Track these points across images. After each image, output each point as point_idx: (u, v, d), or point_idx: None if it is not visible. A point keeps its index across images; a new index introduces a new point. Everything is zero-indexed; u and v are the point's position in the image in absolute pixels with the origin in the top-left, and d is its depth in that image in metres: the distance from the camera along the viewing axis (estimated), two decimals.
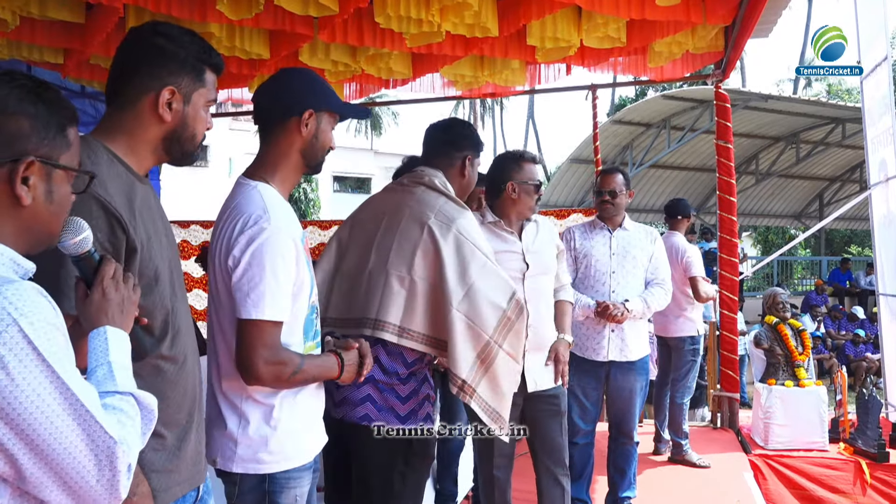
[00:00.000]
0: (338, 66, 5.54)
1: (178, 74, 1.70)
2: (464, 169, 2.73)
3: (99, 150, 1.63)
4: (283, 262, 1.90)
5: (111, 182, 1.60)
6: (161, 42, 1.69)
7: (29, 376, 1.09)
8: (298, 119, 2.04)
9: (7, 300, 1.10)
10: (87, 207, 1.52)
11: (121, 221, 1.58)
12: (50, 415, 1.11)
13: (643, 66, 5.95)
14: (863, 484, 5.07)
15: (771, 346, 5.76)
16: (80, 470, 1.14)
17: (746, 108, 13.53)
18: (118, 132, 1.68)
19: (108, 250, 1.55)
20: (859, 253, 23.78)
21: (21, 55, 5.06)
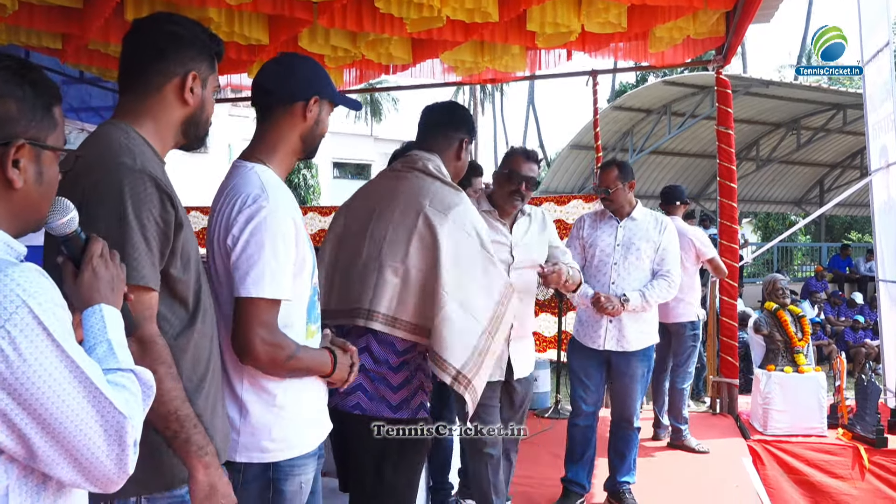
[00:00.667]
0: (337, 51, 5.51)
1: (198, 60, 1.78)
2: (460, 151, 2.72)
3: (131, 132, 1.69)
4: (283, 241, 1.90)
5: (153, 162, 1.66)
6: (179, 30, 1.76)
7: (41, 357, 1.11)
8: (304, 104, 2.05)
9: (15, 282, 1.11)
10: (142, 184, 1.58)
11: (171, 198, 1.64)
12: (62, 393, 1.12)
13: (644, 52, 5.92)
14: (861, 469, 5.10)
15: (770, 332, 5.77)
16: (91, 446, 1.15)
17: (747, 94, 13.48)
18: (144, 117, 1.74)
19: (160, 226, 1.60)
20: (859, 239, 23.77)
21: (19, 40, 5.04)
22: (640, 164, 17.16)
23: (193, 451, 1.59)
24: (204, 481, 1.61)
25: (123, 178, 1.58)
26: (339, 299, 2.52)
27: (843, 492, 5.08)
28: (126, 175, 1.58)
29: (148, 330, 1.57)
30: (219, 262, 1.96)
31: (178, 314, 1.68)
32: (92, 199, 1.57)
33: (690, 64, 6.76)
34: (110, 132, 1.68)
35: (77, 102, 6.17)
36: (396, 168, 2.67)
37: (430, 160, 2.62)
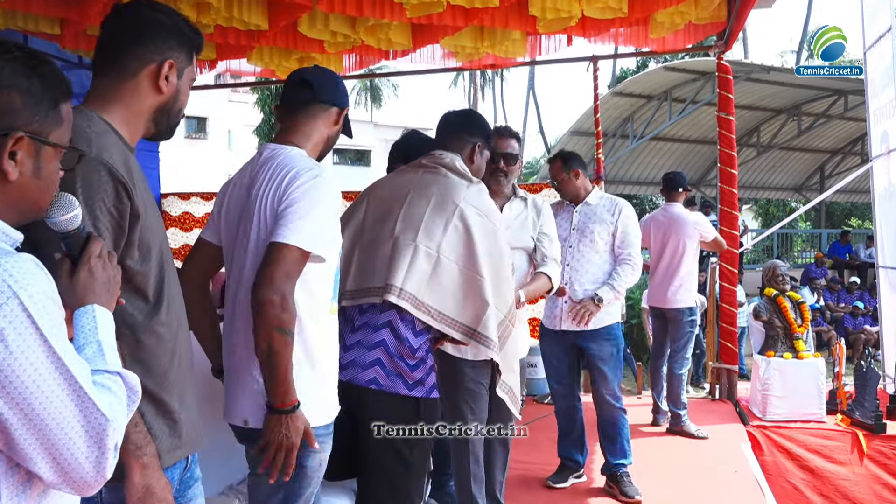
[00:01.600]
0: (337, 36, 5.48)
1: (177, 49, 1.75)
2: (473, 154, 2.84)
3: (95, 119, 1.65)
4: (330, 209, 2.05)
5: (113, 149, 1.62)
6: (160, 17, 1.74)
7: (27, 350, 1.10)
8: (339, 111, 2.28)
9: (7, 272, 1.09)
10: (95, 172, 1.55)
11: (126, 188, 1.60)
12: (45, 389, 1.11)
13: (645, 38, 5.90)
14: (860, 454, 5.12)
15: (770, 318, 5.78)
16: (71, 446, 1.14)
17: (748, 80, 13.43)
18: (114, 102, 1.70)
19: (114, 216, 1.58)
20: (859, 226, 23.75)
21: (17, 25, 5.01)
22: (641, 150, 17.14)
23: (131, 450, 1.55)
24: (139, 483, 1.56)
25: (77, 166, 1.52)
26: (360, 279, 2.57)
27: (841, 477, 5.11)
28: (80, 164, 1.52)
29: None
30: (262, 226, 2.05)
31: (138, 306, 1.65)
32: None
33: (691, 49, 6.74)
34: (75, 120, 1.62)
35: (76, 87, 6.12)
36: (423, 162, 2.76)
37: (455, 158, 2.75)
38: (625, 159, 17.41)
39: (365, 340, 2.47)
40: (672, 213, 5.67)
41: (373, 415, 2.42)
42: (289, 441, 1.97)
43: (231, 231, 2.18)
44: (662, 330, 5.75)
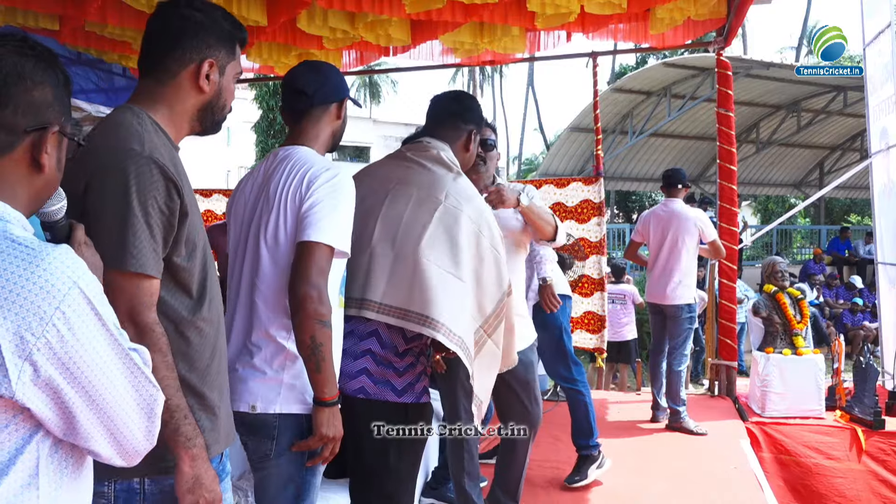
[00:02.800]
0: (336, 32, 5.48)
1: (216, 47, 1.78)
2: (468, 143, 2.72)
3: (144, 117, 1.70)
4: (350, 207, 2.11)
5: (162, 148, 1.67)
6: (199, 16, 1.77)
7: (91, 336, 1.15)
8: (339, 105, 2.30)
9: (65, 264, 1.14)
10: (147, 170, 1.60)
11: (176, 185, 1.64)
12: (108, 372, 1.18)
13: (644, 33, 5.89)
14: (858, 451, 5.12)
15: (769, 314, 5.78)
16: (129, 421, 1.22)
17: (748, 76, 13.43)
18: (159, 103, 1.75)
19: (164, 213, 1.62)
20: (859, 222, 23.77)
21: (16, 21, 5.00)
22: (640, 146, 17.14)
23: (181, 441, 1.59)
24: (189, 473, 1.60)
25: (130, 164, 1.59)
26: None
27: (839, 474, 5.11)
28: (133, 161, 1.59)
29: (147, 317, 1.58)
30: (281, 223, 2.09)
31: (182, 301, 1.69)
32: (98, 184, 1.59)
33: (691, 45, 6.74)
34: (124, 116, 1.69)
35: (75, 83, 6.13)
36: (407, 154, 2.64)
37: (443, 150, 2.63)
38: (624, 156, 17.41)
39: (351, 350, 2.39)
40: (673, 208, 5.69)
41: (361, 424, 2.36)
42: (336, 432, 2.05)
43: (238, 228, 2.23)
44: (661, 326, 5.75)
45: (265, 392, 2.07)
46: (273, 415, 2.07)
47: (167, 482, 1.65)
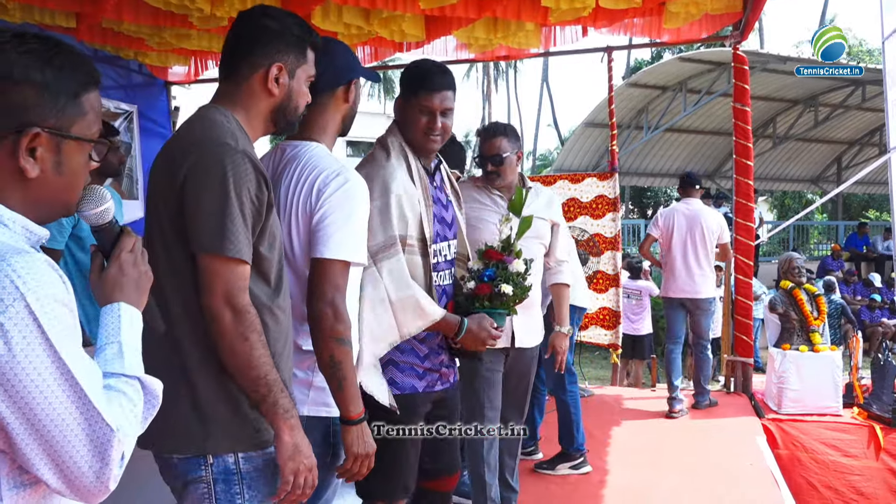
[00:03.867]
0: (350, 28, 5.48)
1: (285, 52, 1.87)
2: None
3: (231, 117, 1.82)
4: (363, 211, 2.07)
5: (248, 145, 1.78)
6: (270, 23, 1.87)
7: (31, 354, 1.07)
8: (346, 88, 2.22)
9: (15, 272, 1.06)
10: (243, 163, 1.70)
11: (266, 179, 1.76)
12: (48, 395, 1.09)
13: (659, 28, 5.85)
14: (876, 448, 5.09)
15: (786, 310, 5.75)
16: (73, 454, 1.12)
17: (765, 70, 13.33)
18: (236, 105, 1.86)
19: (255, 204, 1.71)
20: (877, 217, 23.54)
21: (33, 18, 5.03)
22: (655, 141, 17.05)
23: (280, 413, 1.70)
24: (289, 442, 1.71)
25: (226, 156, 1.69)
26: None
27: (856, 471, 5.08)
28: (229, 154, 1.69)
29: (242, 299, 1.67)
30: (294, 233, 2.06)
31: (263, 289, 1.78)
32: (197, 176, 1.69)
33: (707, 40, 6.67)
34: (214, 114, 1.80)
35: None
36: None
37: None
38: (639, 151, 17.33)
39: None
40: (696, 208, 6.03)
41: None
42: (368, 448, 2.05)
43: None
44: (680, 320, 6.01)
45: (295, 393, 2.06)
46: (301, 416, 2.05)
47: (259, 459, 1.75)
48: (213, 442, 1.70)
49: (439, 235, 2.54)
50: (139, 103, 6.58)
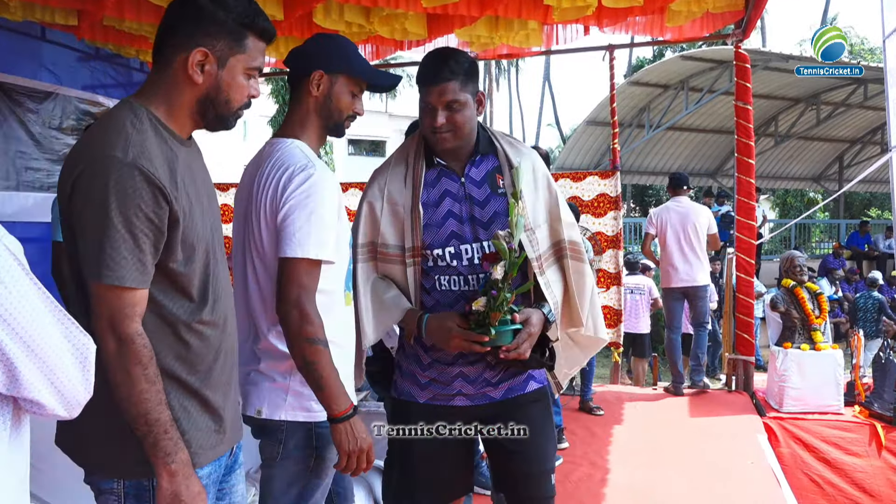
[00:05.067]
0: (352, 27, 5.48)
1: (214, 36, 1.67)
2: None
3: (142, 115, 1.64)
4: (329, 207, 1.99)
5: (154, 151, 1.60)
6: (202, 2, 1.67)
7: (23, 289, 1.22)
8: (308, 78, 2.11)
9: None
10: (130, 179, 1.53)
11: (164, 192, 1.58)
12: (42, 322, 1.24)
13: (661, 26, 5.84)
14: (878, 446, 5.09)
15: (787, 309, 5.74)
16: (67, 371, 1.28)
17: (766, 68, 13.31)
18: (158, 95, 1.69)
19: (152, 222, 1.56)
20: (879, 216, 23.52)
21: (35, 16, 5.04)
22: (657, 140, 17.05)
23: (160, 456, 1.57)
24: (167, 489, 1.58)
25: (110, 172, 1.52)
26: None
27: (858, 469, 5.08)
28: (113, 169, 1.53)
29: (127, 328, 1.55)
30: (262, 230, 2.02)
31: (182, 305, 1.66)
32: (79, 192, 1.55)
33: (708, 38, 6.67)
34: (119, 114, 1.64)
35: (92, 79, 6.17)
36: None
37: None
38: (641, 149, 17.32)
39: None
40: (687, 205, 6.68)
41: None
42: (359, 445, 1.98)
43: (238, 226, 2.17)
44: (680, 309, 6.67)
45: (272, 397, 2.07)
46: (279, 421, 2.07)
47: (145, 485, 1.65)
48: (129, 467, 1.63)
49: (458, 237, 2.29)
50: None
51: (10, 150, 5.30)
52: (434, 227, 2.30)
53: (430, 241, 2.30)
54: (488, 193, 2.31)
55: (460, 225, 2.30)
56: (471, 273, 2.29)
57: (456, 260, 2.29)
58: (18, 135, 5.36)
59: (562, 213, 2.38)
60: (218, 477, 1.78)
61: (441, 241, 2.29)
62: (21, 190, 5.36)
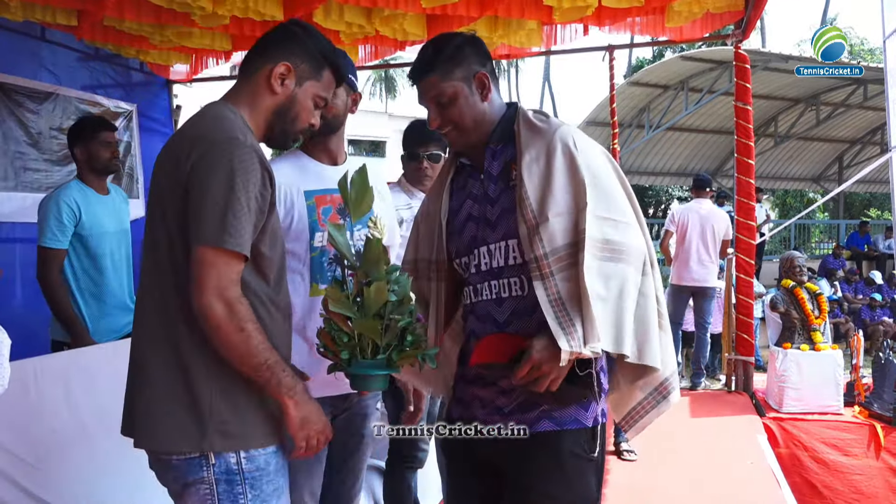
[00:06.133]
0: (352, 27, 5.48)
1: (299, 57, 1.88)
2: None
3: (238, 114, 1.83)
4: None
5: (255, 142, 1.80)
6: (296, 30, 1.91)
7: None
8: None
9: None
10: (250, 158, 1.70)
11: (271, 177, 1.78)
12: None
13: (661, 27, 5.84)
14: (877, 447, 5.09)
15: (787, 309, 5.74)
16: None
17: (766, 69, 13.30)
18: (241, 102, 1.87)
19: (258, 201, 1.72)
20: (878, 216, 23.53)
21: (35, 17, 5.03)
22: (657, 140, 17.04)
23: (284, 391, 1.72)
24: (296, 416, 1.74)
25: (234, 150, 1.69)
26: None
27: (857, 470, 5.08)
28: (237, 148, 1.70)
29: (234, 292, 1.67)
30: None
31: (262, 288, 1.79)
32: (203, 168, 1.68)
33: (708, 38, 6.67)
34: (221, 110, 1.81)
35: (90, 79, 6.16)
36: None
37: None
38: (641, 150, 17.31)
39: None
40: (710, 208, 7.08)
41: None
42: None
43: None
44: (684, 305, 7.06)
45: None
46: None
47: (262, 458, 1.76)
48: (213, 440, 1.70)
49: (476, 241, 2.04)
50: (139, 102, 6.58)
51: (9, 151, 5.29)
52: (455, 234, 2.09)
53: (454, 249, 2.09)
54: (502, 188, 2.01)
55: (477, 228, 2.04)
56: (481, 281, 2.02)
57: (475, 268, 2.04)
58: (17, 135, 5.36)
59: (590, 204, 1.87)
60: (282, 458, 1.84)
61: (463, 248, 2.07)
62: (20, 190, 5.36)
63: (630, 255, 1.88)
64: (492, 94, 2.07)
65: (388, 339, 1.83)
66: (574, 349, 1.77)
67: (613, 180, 1.98)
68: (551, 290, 1.84)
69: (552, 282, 1.84)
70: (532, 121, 2.03)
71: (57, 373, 3.15)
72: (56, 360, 3.32)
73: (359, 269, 1.84)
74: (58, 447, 3.05)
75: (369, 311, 1.79)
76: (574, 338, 1.78)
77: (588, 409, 1.96)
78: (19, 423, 2.92)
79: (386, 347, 1.83)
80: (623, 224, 1.91)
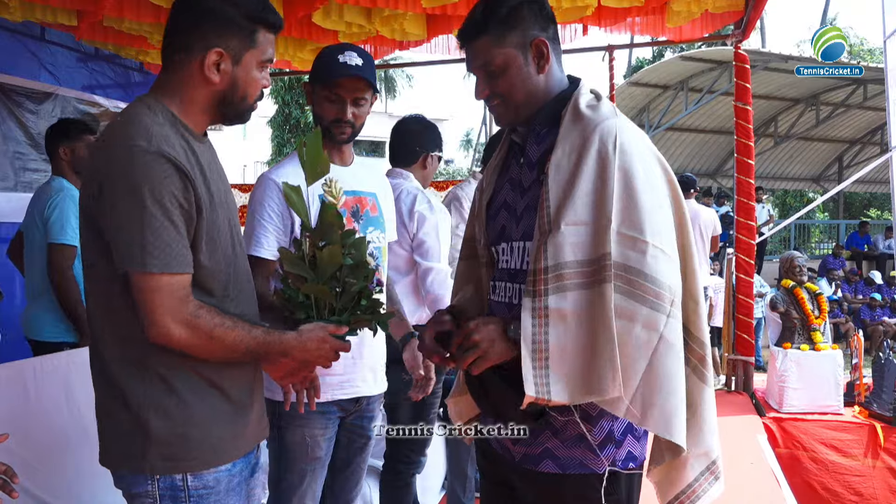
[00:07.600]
0: (352, 27, 5.48)
1: (226, 36, 1.67)
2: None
3: (158, 110, 1.66)
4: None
5: (174, 141, 1.62)
6: (210, 4, 1.67)
7: None
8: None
9: None
10: (157, 166, 1.54)
11: (189, 178, 1.59)
12: None
13: (661, 27, 5.84)
14: (876, 448, 5.08)
15: (787, 309, 5.74)
16: None
17: (766, 69, 13.31)
18: (173, 94, 1.69)
19: (184, 206, 1.57)
20: (878, 216, 23.53)
21: (34, 17, 5.04)
22: (657, 140, 17.03)
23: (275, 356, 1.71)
24: (300, 358, 1.73)
25: (137, 161, 1.53)
26: None
27: (856, 470, 5.08)
28: (138, 157, 1.54)
29: (187, 310, 1.57)
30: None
31: (203, 300, 1.63)
32: (108, 187, 1.55)
33: (708, 38, 6.67)
34: (136, 110, 1.65)
35: (90, 79, 6.17)
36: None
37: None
38: None
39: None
40: (693, 207, 6.97)
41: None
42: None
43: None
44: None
45: None
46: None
47: (210, 476, 1.66)
48: (154, 464, 1.63)
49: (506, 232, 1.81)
50: None
51: (8, 151, 5.29)
52: (492, 219, 1.86)
53: (491, 236, 1.86)
54: (534, 179, 1.73)
55: (507, 218, 1.81)
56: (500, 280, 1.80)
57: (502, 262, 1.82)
58: (17, 135, 5.36)
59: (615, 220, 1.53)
60: (246, 476, 1.80)
61: (494, 237, 1.85)
62: (19, 191, 5.36)
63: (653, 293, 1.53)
64: (551, 65, 1.74)
65: (344, 303, 1.79)
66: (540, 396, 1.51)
67: (657, 195, 1.61)
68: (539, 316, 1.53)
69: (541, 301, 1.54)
70: (580, 107, 1.70)
71: (57, 373, 3.15)
72: (56, 360, 3.32)
73: (313, 233, 1.77)
74: (58, 447, 3.05)
75: (323, 274, 1.74)
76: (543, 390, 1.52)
77: (600, 452, 1.65)
78: (19, 423, 2.92)
79: (341, 310, 1.79)
80: (653, 249, 1.54)
